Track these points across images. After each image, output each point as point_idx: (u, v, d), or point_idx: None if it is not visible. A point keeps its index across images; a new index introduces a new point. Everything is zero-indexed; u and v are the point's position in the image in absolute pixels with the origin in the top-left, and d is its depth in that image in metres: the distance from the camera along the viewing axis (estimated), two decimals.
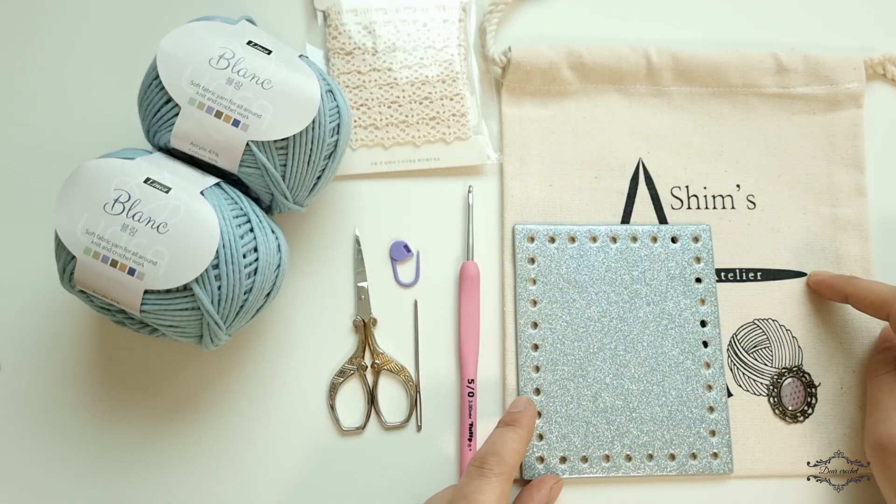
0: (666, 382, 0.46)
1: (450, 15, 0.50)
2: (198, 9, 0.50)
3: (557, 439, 0.45)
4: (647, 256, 0.48)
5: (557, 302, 0.47)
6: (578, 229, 0.48)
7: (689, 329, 0.47)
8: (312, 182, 0.43)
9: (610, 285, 0.47)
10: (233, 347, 0.47)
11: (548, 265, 0.47)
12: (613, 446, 0.45)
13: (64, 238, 0.38)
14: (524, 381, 0.46)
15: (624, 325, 0.47)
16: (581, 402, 0.46)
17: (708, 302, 0.47)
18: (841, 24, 0.53)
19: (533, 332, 0.47)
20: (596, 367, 0.46)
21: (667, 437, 0.45)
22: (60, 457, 0.46)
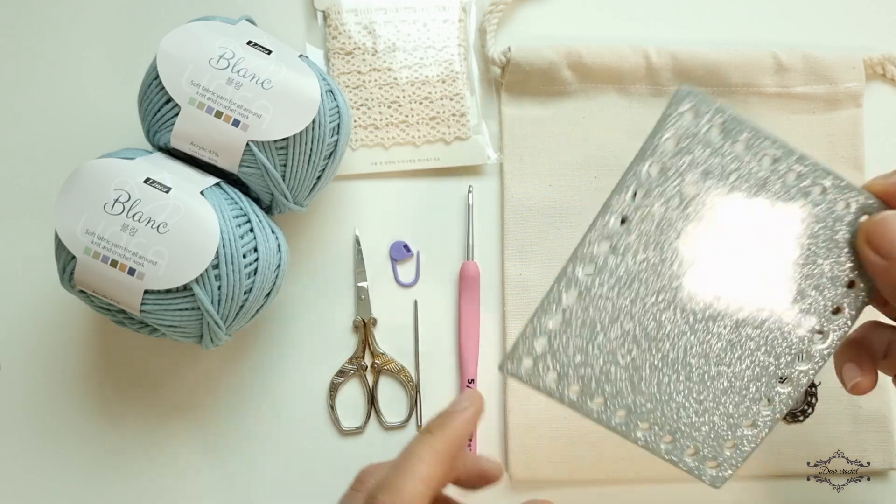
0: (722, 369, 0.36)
1: (450, 15, 0.50)
2: (198, 9, 0.50)
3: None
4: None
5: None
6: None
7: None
8: (312, 182, 0.43)
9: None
10: (233, 347, 0.47)
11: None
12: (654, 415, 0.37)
13: (64, 238, 0.38)
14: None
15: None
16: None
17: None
18: (840, 23, 0.53)
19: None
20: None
21: (695, 423, 0.37)
22: (60, 457, 0.46)
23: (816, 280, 0.35)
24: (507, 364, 0.35)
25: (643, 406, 0.36)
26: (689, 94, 0.33)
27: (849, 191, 0.34)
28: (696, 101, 0.33)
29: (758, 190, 0.34)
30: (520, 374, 0.35)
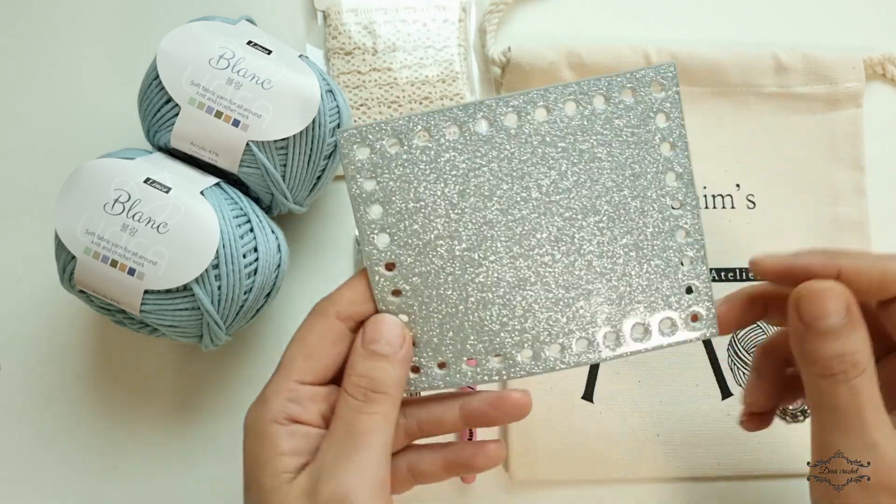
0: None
1: (450, 15, 0.50)
2: (198, 9, 0.50)
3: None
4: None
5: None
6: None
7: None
8: (312, 182, 0.43)
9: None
10: (233, 347, 0.47)
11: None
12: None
13: (64, 238, 0.38)
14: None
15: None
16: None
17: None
18: (840, 23, 0.53)
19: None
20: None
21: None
22: (60, 456, 0.46)
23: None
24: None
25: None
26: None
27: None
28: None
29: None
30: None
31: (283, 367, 0.33)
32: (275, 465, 0.31)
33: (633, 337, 0.34)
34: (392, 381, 0.32)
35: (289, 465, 0.31)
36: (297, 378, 0.32)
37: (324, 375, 0.33)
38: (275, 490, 0.30)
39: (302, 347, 0.33)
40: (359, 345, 0.32)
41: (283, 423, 0.32)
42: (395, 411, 0.32)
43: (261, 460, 0.31)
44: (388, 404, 0.32)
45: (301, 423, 0.32)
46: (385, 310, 0.33)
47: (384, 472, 0.31)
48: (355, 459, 0.30)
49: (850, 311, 0.31)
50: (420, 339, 0.34)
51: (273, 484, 0.30)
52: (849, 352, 0.31)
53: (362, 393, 0.31)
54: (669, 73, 0.33)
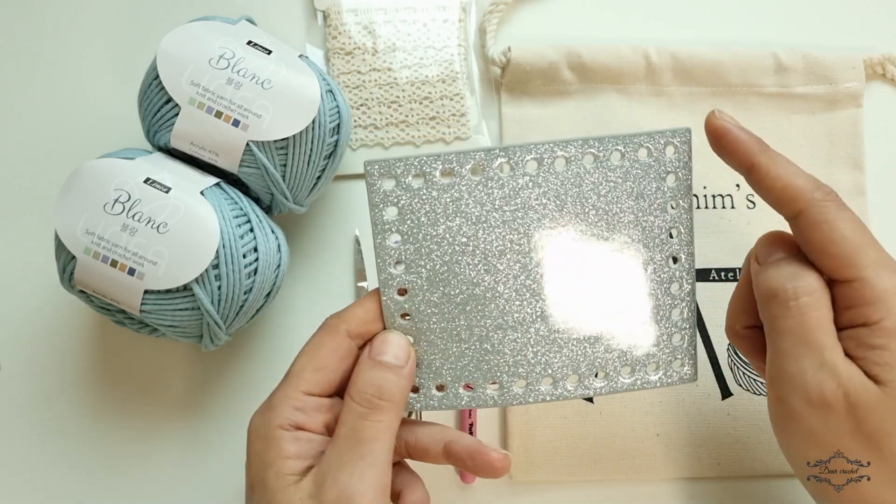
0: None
1: (450, 15, 0.50)
2: (198, 9, 0.50)
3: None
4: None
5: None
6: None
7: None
8: (312, 182, 0.43)
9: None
10: (233, 347, 0.47)
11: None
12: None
13: (64, 238, 0.38)
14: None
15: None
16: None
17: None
18: (840, 23, 0.53)
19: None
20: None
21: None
22: (60, 456, 0.46)
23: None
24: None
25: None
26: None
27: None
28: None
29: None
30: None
31: (292, 377, 0.34)
32: (280, 466, 0.32)
33: (622, 377, 0.36)
34: (397, 390, 0.33)
35: (294, 468, 0.32)
36: (304, 389, 0.33)
37: (330, 388, 0.34)
38: (280, 491, 0.31)
39: (311, 360, 0.34)
40: (366, 356, 0.34)
41: (289, 429, 0.33)
42: (397, 422, 0.33)
43: (266, 462, 0.32)
44: (392, 413, 0.33)
45: (306, 431, 0.33)
46: (392, 328, 0.35)
47: (386, 478, 0.32)
48: (359, 465, 0.31)
49: (797, 249, 0.34)
50: (422, 360, 0.35)
51: (279, 485, 0.31)
52: (796, 274, 0.32)
53: (367, 400, 0.32)
54: (684, 137, 0.35)
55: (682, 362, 0.37)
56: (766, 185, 0.34)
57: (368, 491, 0.31)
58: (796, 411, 0.32)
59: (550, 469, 0.46)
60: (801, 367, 0.31)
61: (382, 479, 0.31)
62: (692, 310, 0.36)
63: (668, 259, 0.36)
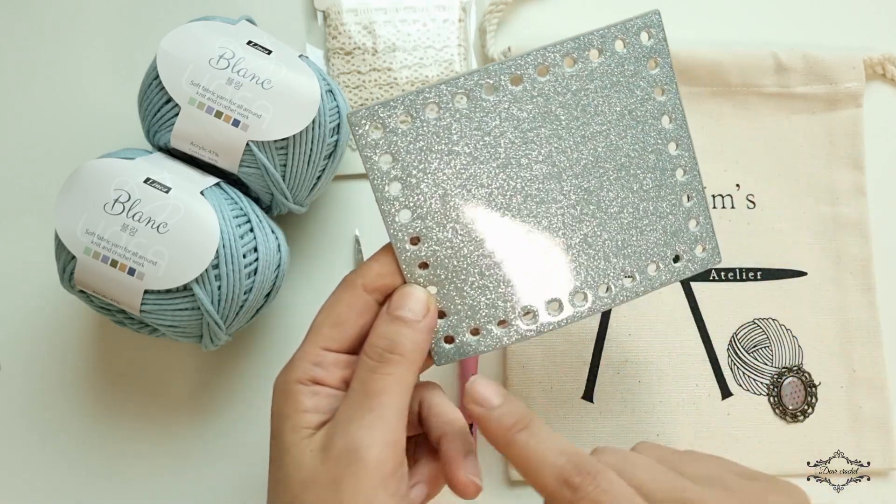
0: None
1: (450, 15, 0.50)
2: (198, 9, 0.50)
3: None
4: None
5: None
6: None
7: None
8: (312, 182, 0.43)
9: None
10: (233, 347, 0.47)
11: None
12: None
13: (64, 238, 0.38)
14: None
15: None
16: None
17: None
18: (840, 23, 0.53)
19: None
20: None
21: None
22: (60, 456, 0.46)
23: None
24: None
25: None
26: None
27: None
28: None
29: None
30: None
31: (311, 333, 0.34)
32: (296, 420, 0.32)
33: (650, 272, 0.36)
34: (410, 344, 0.33)
35: (310, 422, 0.32)
36: (322, 344, 0.33)
37: (349, 344, 0.34)
38: (294, 445, 0.31)
39: (329, 316, 0.34)
40: (384, 311, 0.34)
41: (307, 383, 0.33)
42: (410, 377, 0.33)
43: (284, 415, 0.32)
44: (403, 367, 0.32)
45: (324, 385, 0.33)
46: (413, 282, 0.34)
47: (397, 433, 0.31)
48: (367, 417, 0.31)
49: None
50: (450, 308, 0.35)
51: (293, 439, 0.32)
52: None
53: (378, 354, 0.32)
54: (655, 19, 0.35)
55: (704, 247, 0.37)
56: (521, 470, 0.31)
57: (376, 444, 0.30)
58: None
59: None
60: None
61: (392, 433, 0.31)
62: (701, 193, 0.36)
63: (667, 145, 0.35)
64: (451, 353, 0.35)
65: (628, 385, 0.47)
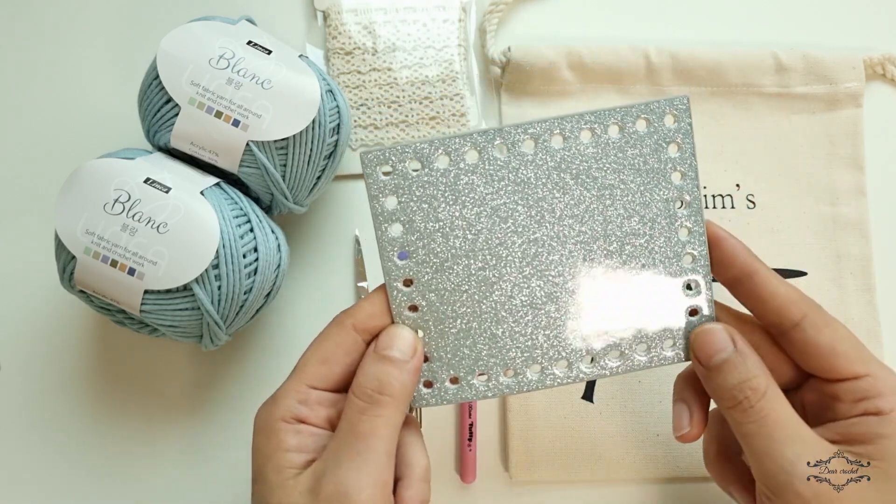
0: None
1: (450, 15, 0.50)
2: (198, 9, 0.50)
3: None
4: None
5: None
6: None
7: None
8: (312, 182, 0.43)
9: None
10: (233, 347, 0.47)
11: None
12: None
13: (64, 238, 0.38)
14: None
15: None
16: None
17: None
18: (840, 23, 0.53)
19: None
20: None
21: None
22: (60, 456, 0.46)
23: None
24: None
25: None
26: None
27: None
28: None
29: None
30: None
31: (297, 370, 0.34)
32: (280, 459, 0.31)
33: (638, 354, 0.36)
34: (399, 385, 0.32)
35: (294, 461, 0.32)
36: (308, 382, 0.33)
37: (335, 382, 0.34)
38: (279, 485, 0.31)
39: (316, 353, 0.34)
40: (371, 350, 0.33)
41: (291, 421, 0.32)
42: (399, 417, 0.33)
43: (266, 455, 0.32)
44: (392, 408, 0.32)
45: (308, 424, 0.33)
46: (402, 323, 0.34)
47: (386, 475, 0.31)
48: (356, 460, 0.31)
49: (736, 342, 0.34)
50: (434, 354, 0.35)
51: (278, 479, 0.31)
52: (744, 379, 0.33)
53: (367, 395, 0.32)
54: (682, 105, 0.34)
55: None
56: (768, 292, 0.34)
57: (366, 486, 0.30)
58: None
59: (550, 469, 0.46)
60: (779, 465, 0.32)
61: (381, 474, 0.31)
62: (708, 281, 0.35)
63: (677, 230, 0.35)
64: (429, 398, 0.35)
65: (628, 385, 0.47)
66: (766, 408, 0.32)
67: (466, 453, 0.45)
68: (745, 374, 0.33)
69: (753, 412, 0.32)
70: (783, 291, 0.34)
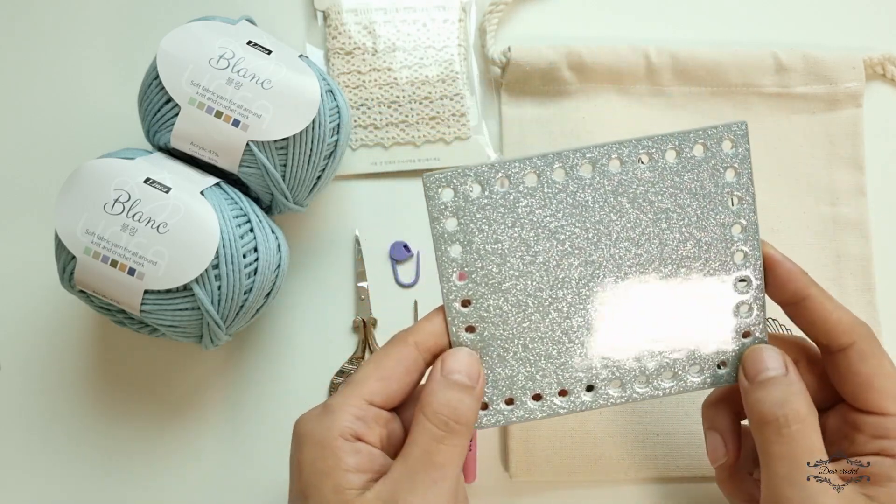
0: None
1: (450, 15, 0.50)
2: (198, 9, 0.50)
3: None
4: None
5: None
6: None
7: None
8: (312, 182, 0.43)
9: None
10: (233, 347, 0.47)
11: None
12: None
13: (64, 238, 0.38)
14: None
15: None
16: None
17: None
18: (840, 23, 0.53)
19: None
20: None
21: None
22: (60, 456, 0.46)
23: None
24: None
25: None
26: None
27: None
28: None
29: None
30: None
31: (355, 383, 0.33)
32: (339, 478, 0.31)
33: (691, 375, 0.36)
34: (471, 413, 0.32)
35: (354, 482, 0.31)
36: (367, 397, 0.32)
37: (392, 400, 0.33)
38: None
39: (378, 369, 0.33)
40: (438, 374, 0.33)
41: (350, 439, 0.31)
42: (467, 445, 0.33)
43: (323, 472, 0.31)
44: (466, 437, 0.32)
45: (365, 443, 0.32)
46: (458, 343, 0.34)
47: (455, 502, 0.31)
48: (432, 489, 0.30)
49: (787, 367, 0.34)
50: (490, 375, 0.35)
51: (339, 498, 0.30)
52: (787, 398, 0.33)
53: (443, 423, 0.32)
54: (741, 130, 0.34)
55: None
56: (820, 316, 0.34)
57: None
58: None
59: (550, 469, 0.46)
60: (799, 493, 0.32)
61: (453, 503, 0.31)
62: (761, 306, 0.36)
63: (732, 254, 0.35)
64: (483, 420, 0.35)
65: None
66: (800, 434, 0.32)
67: (466, 453, 0.45)
68: (790, 395, 0.33)
69: (787, 433, 0.32)
70: (835, 317, 0.34)
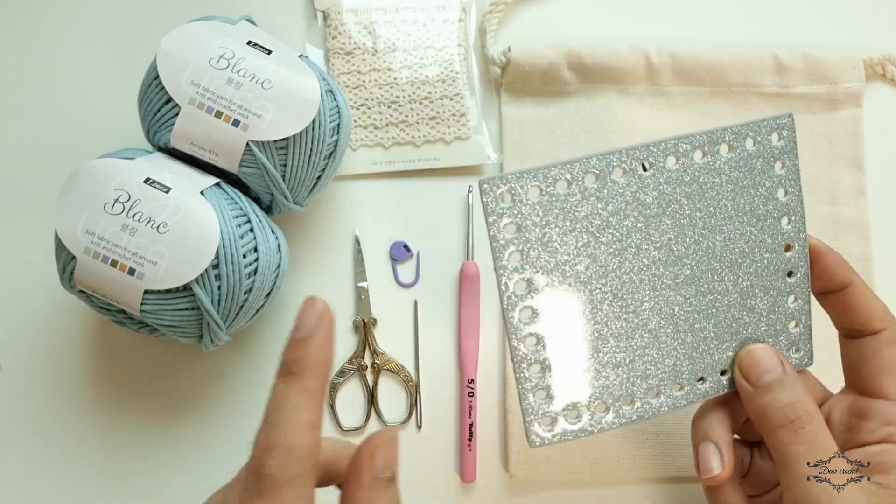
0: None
1: (450, 15, 0.50)
2: (198, 9, 0.50)
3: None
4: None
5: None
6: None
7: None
8: (312, 182, 0.43)
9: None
10: (233, 347, 0.47)
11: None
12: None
13: (64, 238, 0.38)
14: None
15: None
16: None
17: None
18: (840, 23, 0.53)
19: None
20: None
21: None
22: (60, 457, 0.46)
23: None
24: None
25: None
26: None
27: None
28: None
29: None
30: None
31: None
32: None
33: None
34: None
35: None
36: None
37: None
38: None
39: None
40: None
41: None
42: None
43: None
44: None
45: None
46: (518, 351, 0.34)
47: None
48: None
49: (782, 363, 0.35)
50: (552, 387, 0.35)
51: None
52: (796, 399, 0.34)
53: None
54: (787, 122, 0.35)
55: (798, 348, 0.37)
56: (861, 303, 0.36)
57: None
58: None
59: (550, 469, 0.46)
60: (827, 488, 0.33)
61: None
62: (807, 298, 0.36)
63: (782, 247, 0.36)
64: (548, 438, 0.36)
65: None
66: (815, 431, 0.33)
67: (466, 453, 0.45)
68: (797, 395, 0.34)
69: (805, 433, 0.33)
70: (873, 305, 0.36)
